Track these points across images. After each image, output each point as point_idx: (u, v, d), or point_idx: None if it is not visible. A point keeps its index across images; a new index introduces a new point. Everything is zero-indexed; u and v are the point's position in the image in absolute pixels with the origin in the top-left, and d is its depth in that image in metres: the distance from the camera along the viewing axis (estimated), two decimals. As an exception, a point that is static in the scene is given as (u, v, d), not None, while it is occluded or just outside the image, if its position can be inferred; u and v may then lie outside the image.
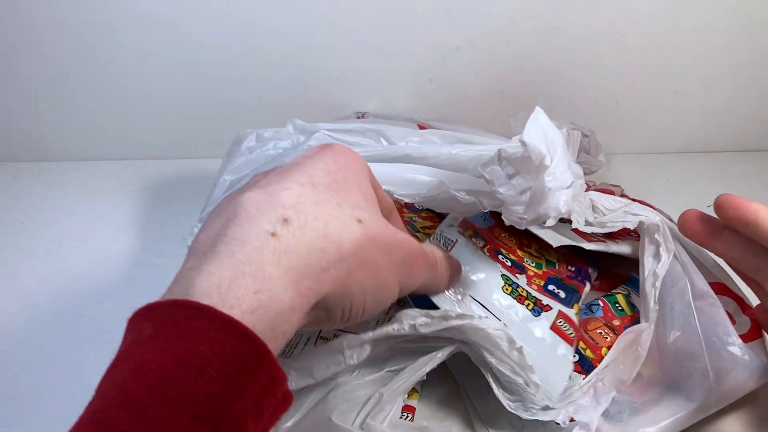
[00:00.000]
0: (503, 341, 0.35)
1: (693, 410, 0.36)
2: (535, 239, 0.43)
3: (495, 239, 0.43)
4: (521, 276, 0.41)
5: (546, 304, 0.39)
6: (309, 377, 0.34)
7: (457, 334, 0.35)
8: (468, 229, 0.43)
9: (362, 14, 0.62)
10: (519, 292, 0.39)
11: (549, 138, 0.37)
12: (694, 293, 0.38)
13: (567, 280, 0.43)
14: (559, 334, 0.38)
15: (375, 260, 0.28)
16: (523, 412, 0.35)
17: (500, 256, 0.41)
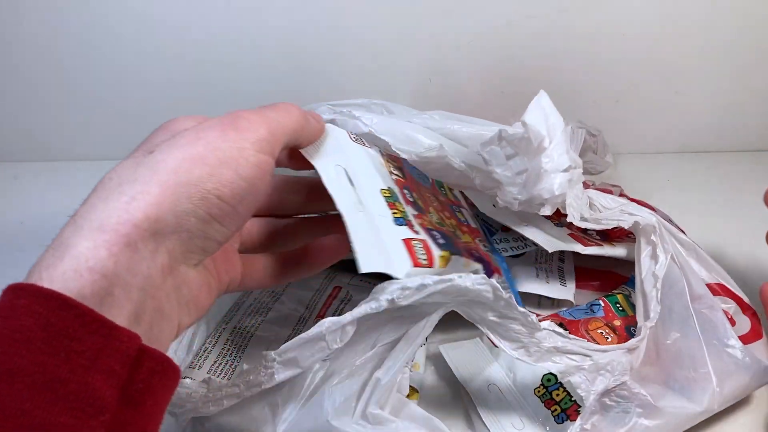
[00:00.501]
0: (489, 294, 0.34)
1: (696, 413, 0.36)
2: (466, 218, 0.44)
3: (414, 184, 0.40)
4: (412, 209, 0.37)
5: (416, 230, 0.35)
6: (295, 367, 0.33)
7: (439, 297, 0.34)
8: (393, 161, 0.41)
9: (362, 14, 0.62)
10: (396, 204, 0.36)
11: (550, 122, 0.37)
12: (692, 295, 0.38)
13: (463, 249, 0.39)
14: (408, 250, 0.34)
15: (191, 155, 0.27)
16: (528, 357, 0.35)
17: (405, 190, 0.38)
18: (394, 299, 0.33)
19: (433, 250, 0.34)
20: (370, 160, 0.37)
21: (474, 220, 0.44)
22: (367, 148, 0.38)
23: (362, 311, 0.33)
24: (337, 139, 0.36)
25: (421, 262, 0.33)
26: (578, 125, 0.52)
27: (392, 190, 0.37)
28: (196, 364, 0.39)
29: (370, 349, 0.36)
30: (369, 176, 0.36)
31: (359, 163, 0.36)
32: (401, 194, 0.37)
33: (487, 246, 0.42)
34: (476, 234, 0.42)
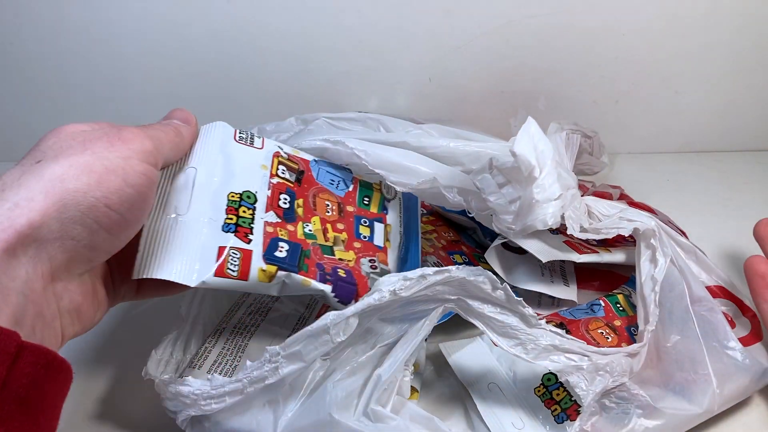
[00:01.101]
0: (486, 285, 0.35)
1: (696, 414, 0.37)
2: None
3: (312, 190, 0.40)
4: (273, 216, 0.37)
5: (249, 239, 0.35)
6: (299, 362, 0.34)
7: (438, 291, 0.35)
8: (290, 163, 0.41)
9: (362, 14, 0.62)
10: (240, 209, 0.36)
11: (539, 149, 0.37)
12: (692, 298, 0.38)
13: (313, 267, 0.38)
14: (219, 258, 0.34)
15: (76, 164, 0.27)
16: (525, 354, 0.35)
17: (283, 195, 0.38)
18: (395, 290, 0.34)
19: (253, 263, 0.34)
20: (248, 161, 0.38)
21: (399, 236, 0.43)
22: (251, 149, 0.39)
23: (365, 303, 0.34)
24: (213, 141, 0.37)
25: (229, 272, 0.33)
26: (573, 128, 0.52)
27: (251, 194, 0.37)
28: (196, 364, 0.39)
29: (371, 349, 0.37)
30: (226, 178, 0.36)
31: (226, 165, 0.37)
32: (270, 199, 0.37)
33: (376, 270, 0.40)
34: (370, 252, 0.40)
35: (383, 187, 0.44)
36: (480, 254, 0.50)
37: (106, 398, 0.42)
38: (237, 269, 0.34)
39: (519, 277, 0.47)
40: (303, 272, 0.36)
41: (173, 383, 0.35)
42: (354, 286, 0.37)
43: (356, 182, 0.42)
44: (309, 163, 0.41)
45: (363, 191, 0.43)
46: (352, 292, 0.37)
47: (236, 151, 0.38)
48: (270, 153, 0.39)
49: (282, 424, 0.34)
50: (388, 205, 0.43)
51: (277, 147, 0.40)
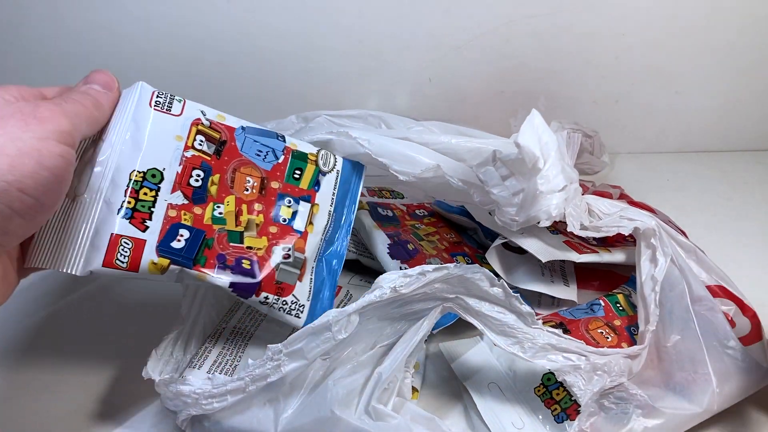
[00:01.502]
0: (483, 282, 0.35)
1: (695, 414, 0.37)
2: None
3: (232, 164, 0.37)
4: (180, 197, 0.35)
5: (146, 226, 0.34)
6: (301, 359, 0.34)
7: (438, 289, 0.35)
8: (211, 131, 0.38)
9: (362, 14, 0.62)
10: (142, 191, 0.34)
11: (543, 141, 0.37)
12: (692, 297, 0.38)
13: (212, 259, 0.37)
14: (110, 247, 0.33)
15: None
16: (521, 352, 0.35)
17: (197, 171, 0.36)
18: (396, 287, 0.34)
19: (145, 254, 0.33)
20: (161, 131, 0.34)
21: (327, 217, 0.40)
22: (167, 116, 0.35)
23: (367, 300, 0.34)
24: (127, 109, 0.34)
25: (118, 263, 0.32)
26: (574, 128, 0.52)
27: (157, 172, 0.34)
28: (196, 364, 0.39)
29: (371, 349, 0.37)
30: (133, 153, 0.33)
31: (135, 137, 0.34)
32: (179, 176, 0.34)
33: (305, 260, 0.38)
34: (286, 238, 0.37)
35: (320, 158, 0.40)
36: (482, 255, 0.50)
37: (106, 398, 0.42)
38: (126, 261, 0.32)
39: (519, 277, 0.47)
40: (199, 266, 0.34)
41: (174, 382, 0.35)
42: (255, 282, 0.36)
43: (288, 152, 0.38)
44: (234, 131, 0.37)
45: (295, 163, 0.38)
46: (253, 288, 0.36)
47: (149, 119, 0.34)
48: (189, 120, 0.35)
49: (283, 422, 0.35)
50: (322, 180, 0.39)
51: (200, 112, 0.36)
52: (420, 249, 0.48)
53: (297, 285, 0.37)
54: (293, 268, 0.37)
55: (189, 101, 0.36)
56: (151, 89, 0.35)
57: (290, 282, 0.37)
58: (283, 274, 0.36)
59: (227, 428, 0.36)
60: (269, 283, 0.36)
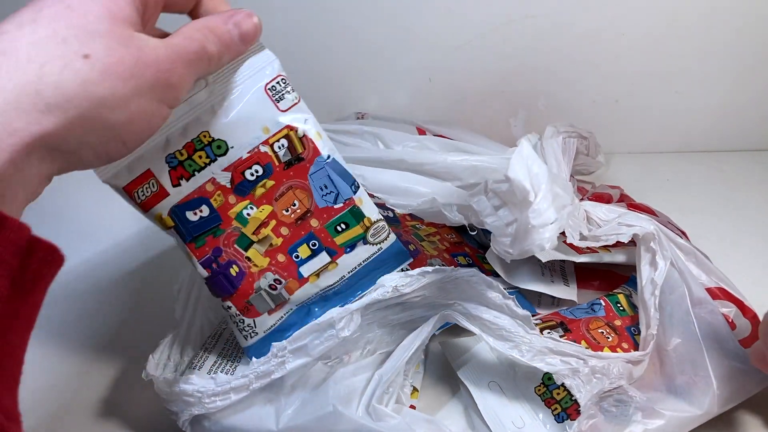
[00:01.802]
0: (481, 285, 0.36)
1: (696, 416, 0.37)
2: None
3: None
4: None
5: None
6: (305, 356, 0.35)
7: (437, 293, 0.36)
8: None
9: (362, 14, 0.62)
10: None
11: (533, 172, 0.37)
12: (693, 300, 0.39)
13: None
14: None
15: (116, 92, 0.26)
16: (519, 355, 0.36)
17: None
18: (397, 286, 0.35)
19: (159, 206, 0.33)
20: (255, 115, 0.34)
21: (337, 279, 0.38)
22: (271, 105, 0.34)
23: (369, 299, 0.35)
24: (244, 75, 0.34)
25: (135, 195, 0.33)
26: (570, 131, 0.52)
27: (223, 144, 0.34)
28: (197, 364, 0.39)
29: (371, 355, 0.38)
30: (218, 117, 0.33)
31: (230, 105, 0.33)
32: (240, 162, 0.34)
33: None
34: (285, 273, 0.36)
35: (373, 228, 0.37)
36: (483, 255, 0.50)
37: (106, 398, 0.42)
38: (143, 199, 0.33)
39: (519, 277, 0.47)
40: (193, 245, 0.34)
41: (176, 382, 0.35)
42: (232, 289, 0.35)
43: (348, 205, 0.36)
44: (318, 156, 0.35)
45: (346, 218, 0.36)
46: (225, 291, 0.35)
47: (254, 97, 0.34)
48: (288, 121, 0.34)
49: (284, 419, 0.35)
50: (359, 246, 0.37)
51: (303, 120, 0.35)
52: (421, 250, 0.48)
53: (263, 316, 0.37)
54: (270, 301, 0.36)
55: (302, 103, 0.35)
56: (279, 72, 0.34)
57: (259, 309, 0.37)
58: (258, 299, 0.36)
59: (228, 427, 0.36)
60: (241, 298, 0.36)
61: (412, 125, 0.57)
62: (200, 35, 0.30)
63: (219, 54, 0.31)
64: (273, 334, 0.37)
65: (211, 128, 0.33)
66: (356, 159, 0.46)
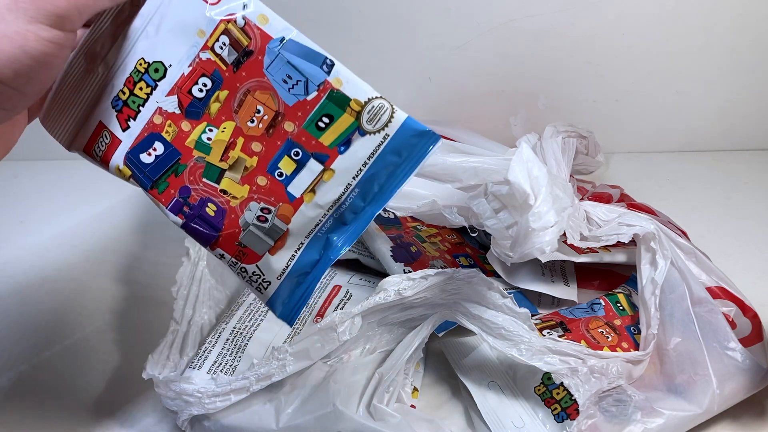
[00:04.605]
0: (481, 285, 0.36)
1: (695, 415, 0.37)
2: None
3: (249, 84, 0.30)
4: (172, 104, 0.30)
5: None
6: (306, 359, 0.35)
7: (438, 294, 0.36)
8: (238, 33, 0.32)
9: (362, 14, 0.62)
10: (138, 87, 0.30)
11: (533, 176, 0.38)
12: (693, 299, 0.39)
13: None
14: None
15: None
16: (518, 355, 0.36)
17: (203, 80, 0.30)
18: (399, 290, 0.35)
19: (115, 156, 0.30)
20: (186, 19, 0.28)
21: (342, 190, 0.30)
22: (201, 1, 0.28)
23: (372, 303, 0.35)
24: None
25: (94, 153, 0.30)
26: (569, 131, 0.52)
27: (161, 66, 0.29)
28: (196, 364, 0.39)
29: (370, 354, 0.38)
30: (150, 36, 0.29)
31: (160, 19, 0.29)
32: (183, 79, 0.29)
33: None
34: (272, 198, 0.30)
35: (367, 110, 0.29)
36: (484, 255, 0.50)
37: (106, 398, 0.42)
38: (101, 154, 0.30)
39: (520, 277, 0.47)
40: (155, 191, 0.30)
41: (176, 381, 0.35)
42: (215, 233, 0.30)
43: (325, 90, 0.28)
44: (269, 41, 0.28)
45: (327, 107, 0.28)
46: (209, 238, 0.30)
47: (178, 2, 0.29)
48: (222, 14, 0.28)
49: (285, 418, 0.35)
50: (356, 140, 0.29)
51: (241, 5, 0.28)
52: (423, 251, 0.48)
53: (266, 257, 0.30)
54: (266, 237, 0.30)
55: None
56: None
57: (257, 251, 0.30)
58: (250, 237, 0.30)
59: (228, 426, 0.36)
60: (230, 241, 0.30)
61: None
62: None
63: None
64: (292, 277, 0.31)
65: (145, 53, 0.29)
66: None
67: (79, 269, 0.55)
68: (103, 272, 0.55)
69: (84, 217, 0.62)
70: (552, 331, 0.40)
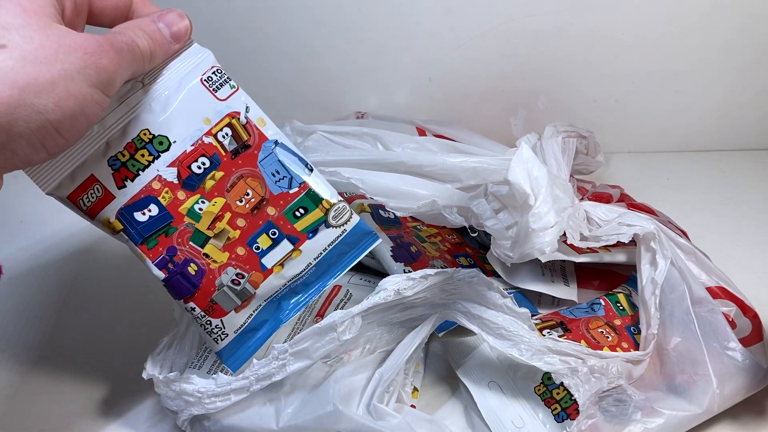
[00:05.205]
0: (481, 285, 0.36)
1: (695, 415, 0.37)
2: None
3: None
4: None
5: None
6: (306, 359, 0.35)
7: (437, 293, 0.36)
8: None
9: (362, 14, 0.62)
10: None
11: (533, 176, 0.38)
12: (693, 299, 0.39)
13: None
14: None
15: (39, 76, 0.25)
16: (518, 354, 0.36)
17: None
18: (399, 289, 0.35)
19: (105, 210, 0.33)
20: (195, 108, 0.34)
21: (303, 267, 0.36)
22: (210, 96, 0.34)
23: (371, 302, 0.35)
24: (180, 70, 0.33)
25: (80, 204, 0.33)
26: (569, 130, 0.52)
27: (165, 140, 0.33)
28: (196, 363, 0.39)
29: (370, 354, 0.38)
30: (156, 113, 0.33)
31: (168, 100, 0.33)
32: (184, 156, 0.34)
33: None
34: (247, 266, 0.35)
35: (334, 210, 0.36)
36: (484, 255, 0.50)
37: (106, 398, 0.42)
38: (88, 206, 0.32)
39: (520, 277, 0.47)
40: (144, 247, 0.33)
41: (176, 381, 0.35)
42: (193, 289, 0.34)
43: (303, 189, 0.35)
44: (265, 141, 0.34)
45: (303, 202, 0.35)
46: (185, 292, 0.34)
47: (191, 91, 0.33)
48: (226, 110, 0.34)
49: (285, 418, 0.35)
50: (322, 230, 0.36)
51: (244, 107, 0.34)
52: (423, 251, 0.48)
53: (231, 314, 0.35)
54: (236, 297, 0.35)
55: (241, 91, 0.34)
56: (213, 63, 0.34)
57: (225, 308, 0.35)
58: (222, 296, 0.35)
59: (228, 426, 0.36)
60: (203, 297, 0.34)
61: (411, 125, 0.57)
62: (130, 31, 0.30)
63: (150, 49, 0.31)
64: (244, 333, 0.36)
65: (150, 125, 0.33)
66: (356, 161, 0.46)
67: (78, 269, 0.55)
68: (102, 272, 0.55)
69: (79, 218, 0.62)
70: (552, 331, 0.40)
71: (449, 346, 0.43)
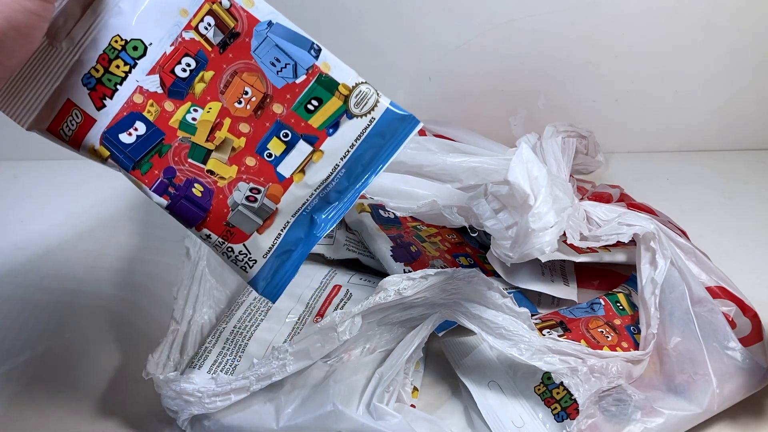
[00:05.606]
0: (481, 285, 0.36)
1: (695, 414, 0.37)
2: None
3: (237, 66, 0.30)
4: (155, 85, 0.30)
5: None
6: (306, 359, 0.35)
7: (438, 294, 0.36)
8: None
9: (362, 14, 0.62)
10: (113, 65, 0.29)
11: (533, 176, 0.38)
12: (693, 299, 0.39)
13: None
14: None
15: None
16: (518, 354, 0.36)
17: (186, 61, 0.29)
18: (399, 289, 0.35)
19: (89, 136, 0.29)
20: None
21: (329, 171, 0.31)
22: None
23: (372, 302, 0.35)
24: None
25: (62, 133, 0.29)
26: (569, 130, 0.52)
27: (140, 44, 0.28)
28: (197, 364, 0.39)
29: (371, 353, 0.38)
30: (127, 13, 0.28)
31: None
32: (165, 59, 0.29)
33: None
34: (261, 178, 0.30)
35: (355, 94, 0.30)
36: (484, 255, 0.50)
37: (106, 398, 0.42)
38: (70, 134, 0.29)
39: (519, 276, 0.47)
40: (138, 172, 0.29)
41: (177, 381, 0.35)
42: (203, 213, 0.30)
43: (313, 74, 0.29)
44: (256, 24, 0.29)
45: (315, 90, 0.29)
46: (196, 219, 0.30)
47: None
48: None
49: (285, 417, 0.35)
50: (344, 123, 0.30)
51: None
52: (423, 251, 0.48)
53: (254, 236, 0.30)
54: (255, 216, 0.30)
55: None
56: None
57: (245, 230, 0.30)
58: (239, 217, 0.30)
59: (228, 426, 0.36)
60: (217, 221, 0.30)
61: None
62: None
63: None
64: (278, 256, 0.31)
65: (121, 30, 0.28)
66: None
67: (78, 269, 0.55)
68: (102, 272, 0.55)
69: (83, 216, 0.62)
70: (552, 330, 0.40)
71: (449, 346, 0.43)
